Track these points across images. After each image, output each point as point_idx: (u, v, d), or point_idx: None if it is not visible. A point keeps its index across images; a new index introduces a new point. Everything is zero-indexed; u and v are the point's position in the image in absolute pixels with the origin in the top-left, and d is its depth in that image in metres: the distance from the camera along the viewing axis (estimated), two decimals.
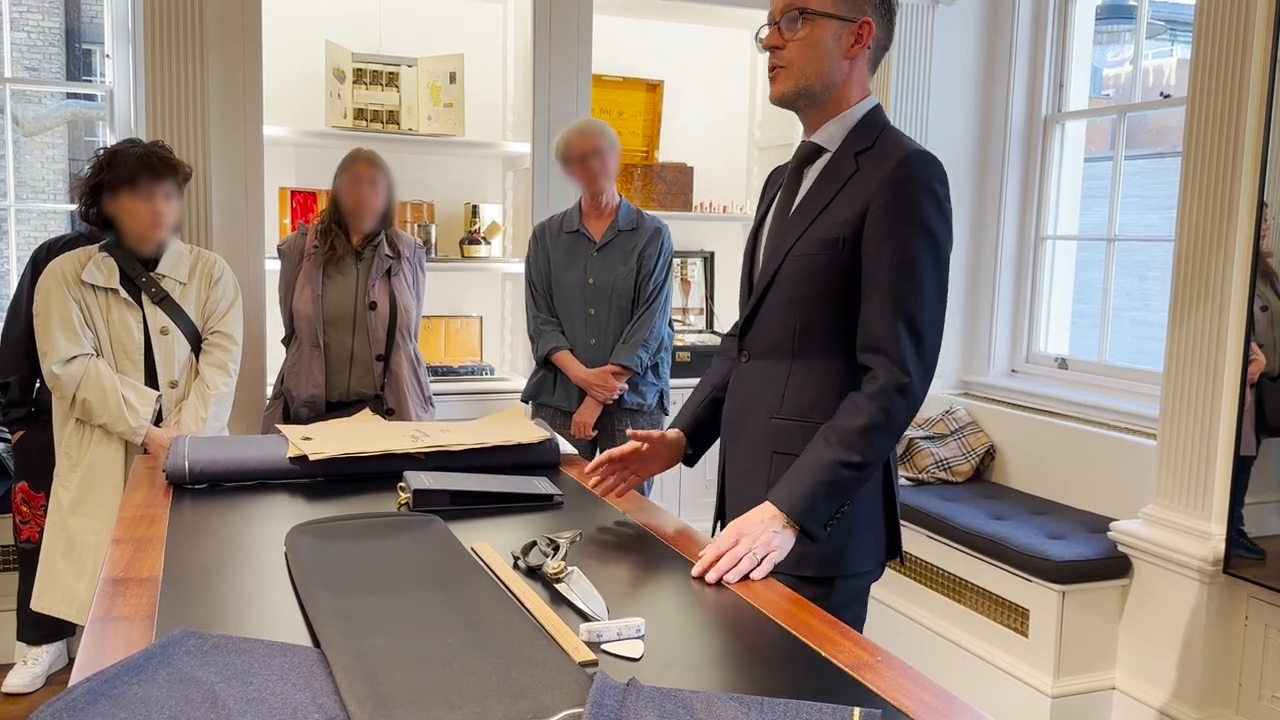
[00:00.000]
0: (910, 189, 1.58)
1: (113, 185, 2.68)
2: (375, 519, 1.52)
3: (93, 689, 0.92)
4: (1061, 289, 3.98)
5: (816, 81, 1.66)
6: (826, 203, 1.65)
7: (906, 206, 1.57)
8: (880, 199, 1.58)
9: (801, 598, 1.35)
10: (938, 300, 1.61)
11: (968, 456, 3.75)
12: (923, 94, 3.90)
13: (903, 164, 1.59)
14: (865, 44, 1.65)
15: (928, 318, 1.59)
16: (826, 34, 1.64)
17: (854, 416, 1.56)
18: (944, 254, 1.61)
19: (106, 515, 2.63)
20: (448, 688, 0.97)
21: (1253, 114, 2.69)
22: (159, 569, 1.32)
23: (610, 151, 3.19)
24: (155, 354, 2.72)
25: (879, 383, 1.56)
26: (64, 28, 12.68)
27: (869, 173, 1.62)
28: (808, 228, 1.66)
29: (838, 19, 1.63)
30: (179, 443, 1.84)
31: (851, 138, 1.68)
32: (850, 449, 1.54)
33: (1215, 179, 2.78)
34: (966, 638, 3.26)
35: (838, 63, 1.65)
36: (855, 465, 1.54)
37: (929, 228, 1.58)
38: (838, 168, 1.67)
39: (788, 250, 1.67)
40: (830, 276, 1.63)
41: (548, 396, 3.26)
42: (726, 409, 1.81)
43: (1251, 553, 2.72)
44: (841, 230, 1.61)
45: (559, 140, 3.24)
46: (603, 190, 3.21)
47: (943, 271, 1.61)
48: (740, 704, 0.96)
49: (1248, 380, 2.70)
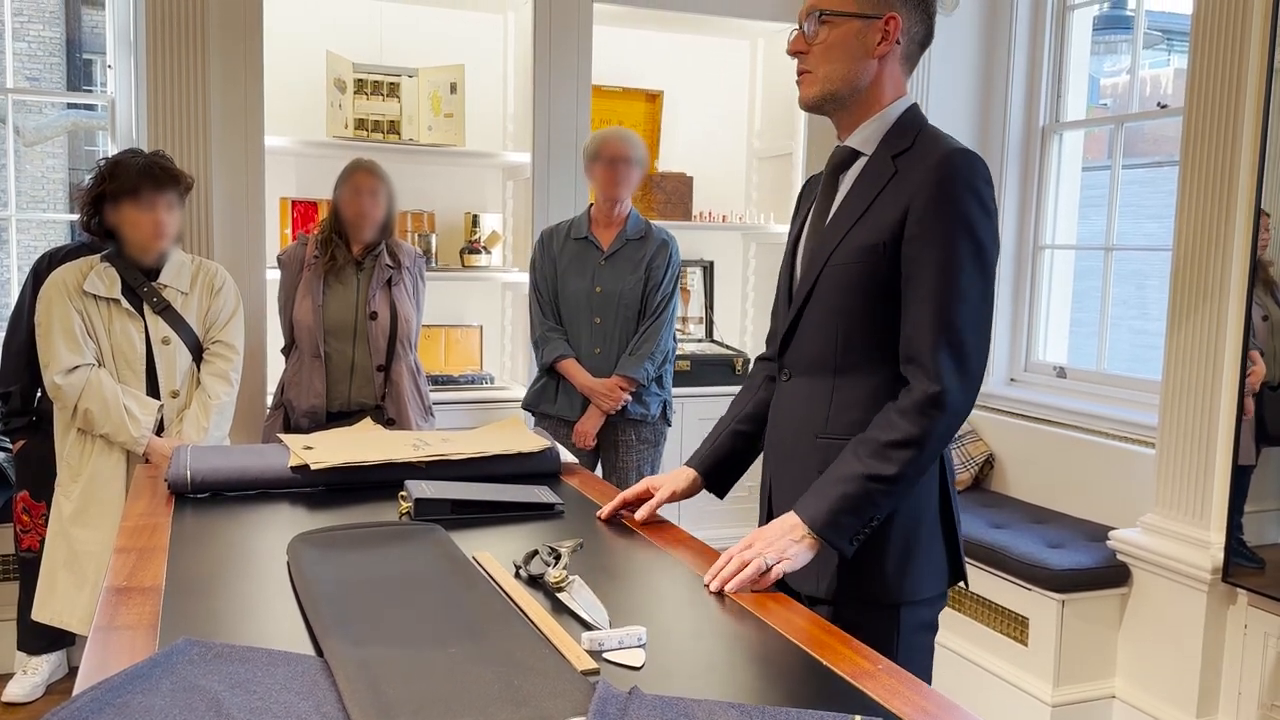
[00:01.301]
0: (952, 189, 1.50)
1: (115, 195, 2.69)
2: (377, 528, 1.52)
3: (97, 698, 0.92)
4: (1060, 298, 3.98)
5: (842, 85, 1.59)
6: (865, 208, 1.57)
7: (948, 207, 1.50)
8: (920, 200, 1.51)
9: (802, 606, 1.35)
10: (981, 304, 1.52)
11: (967, 465, 3.75)
12: (921, 103, 3.91)
13: (944, 163, 1.51)
14: (893, 40, 1.58)
15: (970, 324, 1.50)
16: (849, 34, 1.57)
17: (886, 430, 1.50)
18: (989, 257, 1.53)
19: (108, 525, 2.63)
20: (450, 696, 0.97)
21: (1249, 123, 2.70)
22: (161, 578, 1.33)
23: (639, 165, 3.20)
24: (157, 364, 2.72)
25: (913, 396, 1.50)
26: (65, 38, 12.70)
27: (908, 174, 1.54)
28: (846, 234, 1.58)
29: (860, 17, 1.57)
30: (181, 452, 1.85)
31: (888, 140, 1.60)
32: (880, 461, 1.47)
33: (1212, 188, 2.79)
34: (966, 646, 3.26)
35: (864, 63, 1.58)
36: (885, 479, 1.47)
37: (972, 229, 1.50)
38: (875, 171, 1.60)
39: (826, 259, 1.60)
40: (872, 285, 1.55)
41: (549, 405, 3.24)
42: (770, 430, 1.75)
43: (1251, 561, 2.72)
44: (882, 235, 1.54)
45: (595, 137, 3.23)
46: (620, 199, 3.21)
47: (988, 275, 1.53)
48: (741, 713, 0.96)
49: (1248, 389, 2.71)
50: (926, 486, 1.60)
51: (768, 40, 4.31)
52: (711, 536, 1.83)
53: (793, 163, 4.14)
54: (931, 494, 1.62)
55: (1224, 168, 2.75)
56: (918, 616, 1.61)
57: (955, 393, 1.49)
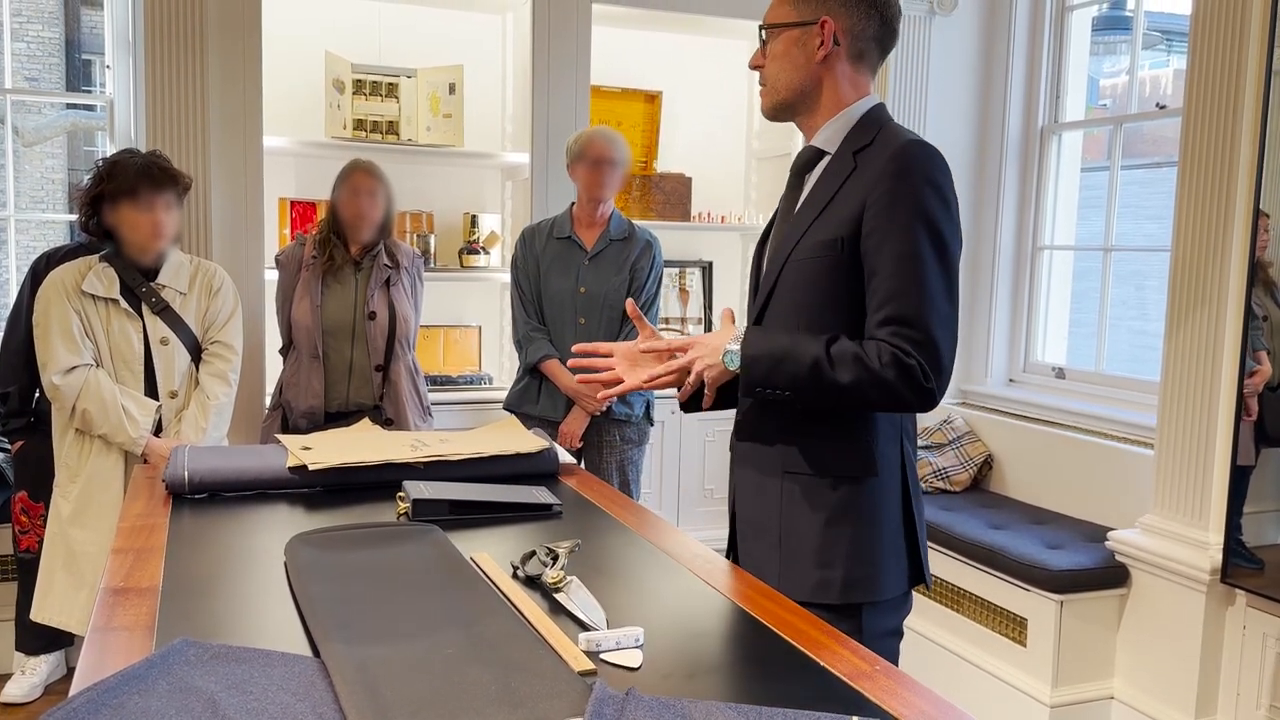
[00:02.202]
0: (908, 180, 1.50)
1: (113, 196, 2.68)
2: (374, 529, 1.52)
3: (93, 699, 0.92)
4: (1059, 298, 3.99)
5: (788, 93, 1.65)
6: (825, 203, 1.59)
7: (905, 199, 1.50)
8: (877, 192, 1.52)
9: (799, 607, 1.35)
10: (946, 295, 1.51)
11: (965, 466, 3.75)
12: (920, 103, 3.92)
13: (899, 155, 1.52)
14: (829, 43, 1.61)
15: (935, 315, 1.49)
16: (790, 44, 1.63)
17: (870, 355, 1.49)
18: (951, 249, 1.52)
19: (106, 526, 2.63)
20: (447, 697, 0.97)
21: (1248, 124, 2.70)
22: (159, 579, 1.32)
23: (623, 166, 3.20)
24: (155, 364, 2.72)
25: (913, 359, 1.48)
26: (64, 38, 12.70)
27: (866, 168, 1.56)
28: (806, 231, 1.60)
29: (796, 25, 1.62)
30: (178, 452, 1.85)
31: (851, 137, 1.62)
32: (840, 368, 1.49)
33: (1211, 189, 2.79)
34: (965, 647, 3.26)
35: (808, 69, 1.63)
36: (828, 382, 1.49)
37: (931, 220, 1.50)
38: (836, 168, 1.62)
39: (788, 256, 1.62)
40: (833, 280, 1.57)
41: (531, 406, 3.22)
42: (734, 431, 1.75)
43: (1250, 562, 2.72)
44: (840, 230, 1.55)
45: (579, 137, 3.23)
46: (604, 199, 3.21)
47: (949, 268, 1.52)
48: (739, 713, 0.96)
49: (1254, 391, 2.70)
50: (885, 485, 1.61)
51: None
52: (708, 538, 1.83)
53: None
54: (892, 492, 1.62)
55: (1223, 168, 2.76)
56: (881, 619, 1.63)
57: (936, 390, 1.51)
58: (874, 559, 1.59)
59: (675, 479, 3.98)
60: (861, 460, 1.60)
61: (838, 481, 1.60)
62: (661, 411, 3.69)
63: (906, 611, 1.70)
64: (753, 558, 1.69)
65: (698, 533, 3.81)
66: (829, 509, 1.60)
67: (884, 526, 1.61)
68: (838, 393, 1.51)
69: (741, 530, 1.73)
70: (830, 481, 1.60)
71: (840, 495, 1.60)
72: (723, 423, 4.02)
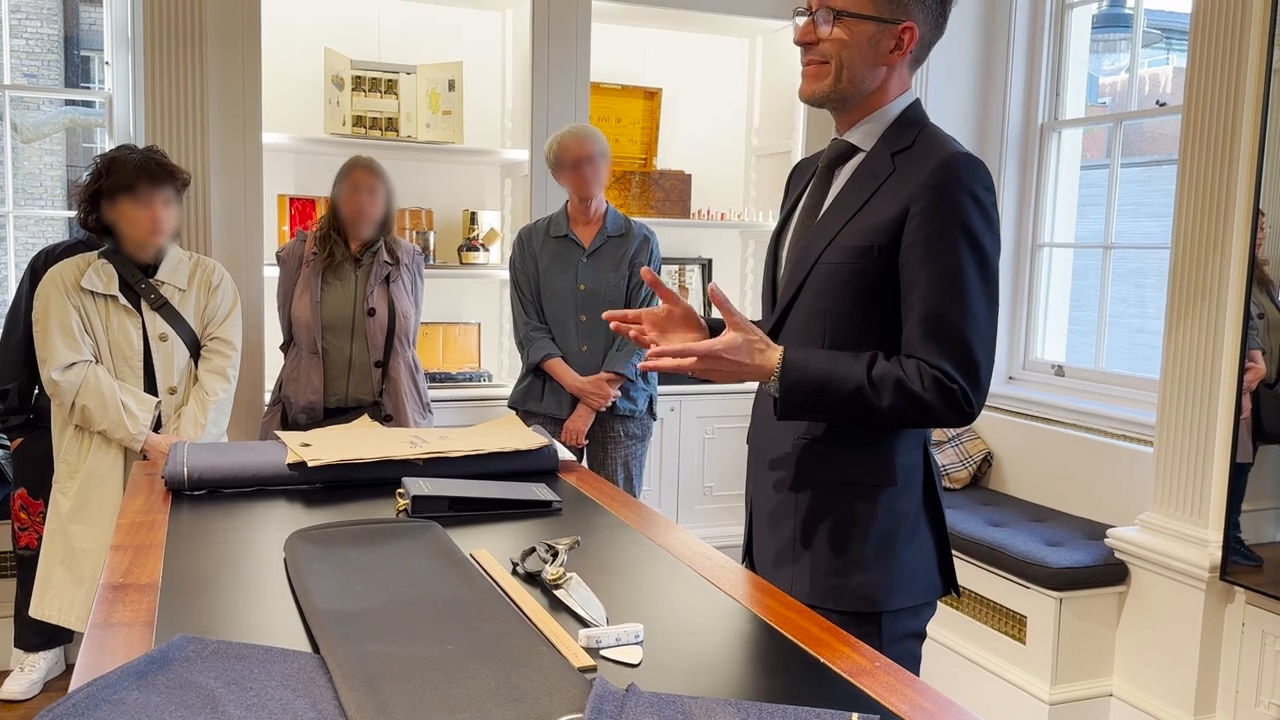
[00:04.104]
0: (953, 194, 1.45)
1: (111, 192, 2.68)
2: (374, 525, 1.52)
3: (92, 695, 0.92)
4: (1058, 296, 3.99)
5: (849, 86, 1.54)
6: (860, 206, 1.52)
7: (949, 215, 1.45)
8: (919, 205, 1.46)
9: (799, 604, 1.35)
10: (987, 314, 1.47)
11: (965, 463, 3.75)
12: (920, 100, 3.91)
13: (944, 167, 1.46)
14: (907, 49, 1.53)
15: (977, 335, 1.46)
16: (862, 38, 1.51)
17: (911, 378, 1.44)
18: (992, 266, 1.48)
19: (105, 522, 2.63)
20: (447, 693, 0.97)
21: (1248, 121, 2.70)
22: (158, 575, 1.32)
23: (602, 158, 3.20)
24: (154, 360, 2.72)
25: (956, 384, 1.44)
26: (63, 34, 12.68)
27: (907, 174, 1.49)
28: (839, 233, 1.53)
29: (876, 21, 1.50)
30: (178, 449, 1.85)
31: (888, 136, 1.56)
32: (883, 393, 1.44)
33: (1211, 186, 2.79)
34: (964, 644, 3.26)
35: (874, 69, 1.53)
36: (869, 407, 1.44)
37: (975, 237, 1.46)
38: (873, 169, 1.54)
39: (817, 257, 1.55)
40: (863, 286, 1.51)
41: (535, 404, 3.23)
42: (751, 428, 1.72)
43: (1248, 560, 2.72)
44: (876, 237, 1.49)
45: (551, 144, 3.24)
46: (593, 196, 3.21)
47: (991, 283, 1.48)
48: (739, 710, 0.96)
49: (1246, 388, 2.71)
50: (905, 491, 1.58)
51: (766, 38, 4.31)
52: (708, 534, 1.82)
53: (791, 160, 4.13)
54: (912, 498, 1.59)
55: (1223, 166, 2.76)
56: (901, 625, 1.58)
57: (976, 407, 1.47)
58: (891, 567, 1.56)
59: (675, 475, 3.98)
60: (882, 469, 1.57)
61: (857, 489, 1.57)
62: (661, 409, 3.70)
63: (929, 615, 1.65)
64: (769, 560, 1.67)
65: (697, 529, 3.81)
66: (847, 516, 1.57)
67: (903, 534, 1.57)
68: (878, 416, 1.47)
69: (758, 534, 1.71)
70: (849, 489, 1.57)
71: (859, 502, 1.57)
72: (723, 420, 4.02)
